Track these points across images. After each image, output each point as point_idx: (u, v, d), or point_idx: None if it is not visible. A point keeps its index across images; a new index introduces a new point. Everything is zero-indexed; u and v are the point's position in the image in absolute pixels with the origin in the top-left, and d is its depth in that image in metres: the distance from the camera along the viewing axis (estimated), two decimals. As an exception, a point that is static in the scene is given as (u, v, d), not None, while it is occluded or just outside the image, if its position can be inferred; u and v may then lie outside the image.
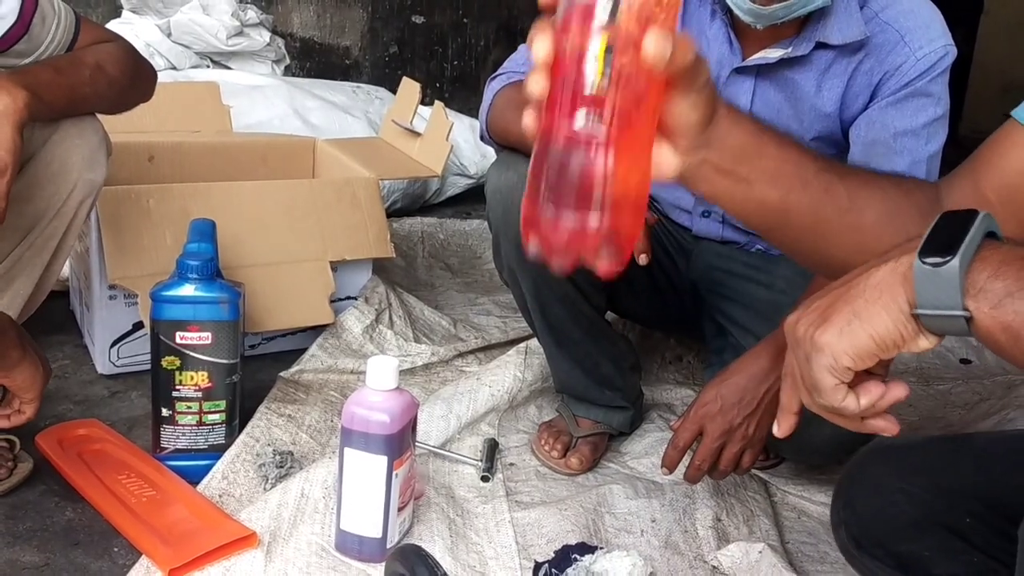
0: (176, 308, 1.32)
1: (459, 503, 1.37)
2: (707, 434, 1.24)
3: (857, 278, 0.66)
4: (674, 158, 0.69)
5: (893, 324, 0.64)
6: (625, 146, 0.58)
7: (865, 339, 0.64)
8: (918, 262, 0.62)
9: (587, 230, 0.59)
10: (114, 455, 1.38)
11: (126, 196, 1.63)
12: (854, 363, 0.65)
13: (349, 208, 1.81)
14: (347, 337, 1.78)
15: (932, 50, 1.26)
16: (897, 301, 0.63)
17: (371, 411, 1.17)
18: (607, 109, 0.57)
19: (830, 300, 0.67)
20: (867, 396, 0.67)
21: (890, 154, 1.28)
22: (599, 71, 0.57)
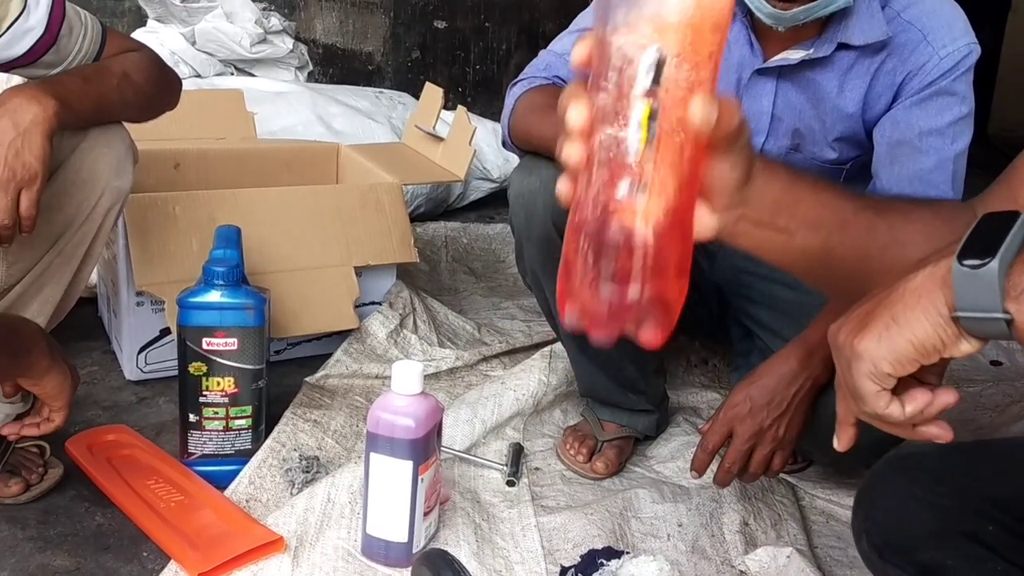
0: (203, 314, 1.33)
1: (485, 508, 1.37)
2: (737, 436, 1.23)
3: (898, 284, 0.65)
4: (711, 218, 0.68)
5: (932, 328, 0.62)
6: (668, 214, 0.56)
7: (904, 344, 0.63)
8: (956, 264, 0.61)
9: (631, 302, 0.56)
10: (143, 460, 1.39)
11: (152, 203, 1.64)
12: (894, 369, 0.64)
13: (373, 213, 1.81)
14: (372, 342, 1.78)
15: (955, 48, 1.25)
16: (936, 304, 0.62)
17: (396, 416, 1.17)
18: (651, 177, 0.55)
19: (870, 307, 0.66)
20: (912, 404, 0.65)
21: (916, 154, 1.27)
22: (643, 139, 0.54)
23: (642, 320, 0.57)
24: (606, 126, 0.55)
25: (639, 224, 0.55)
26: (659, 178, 0.55)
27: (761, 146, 1.38)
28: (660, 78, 0.53)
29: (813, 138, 1.35)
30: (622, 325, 0.57)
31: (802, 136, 1.35)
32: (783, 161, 0.75)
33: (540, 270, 1.36)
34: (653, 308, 0.57)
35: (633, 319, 0.57)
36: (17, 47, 1.21)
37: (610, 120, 0.54)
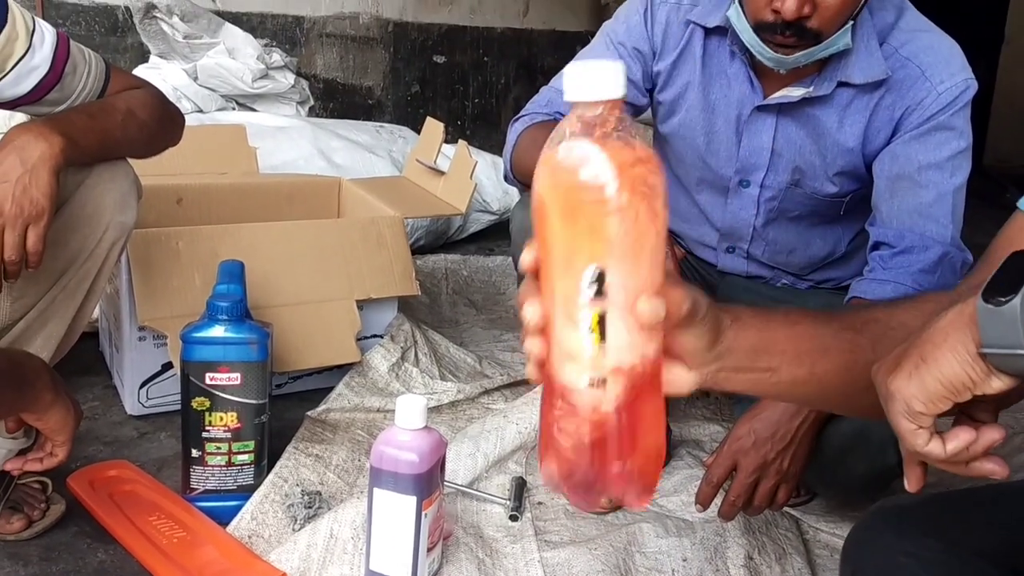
0: (206, 349, 1.33)
1: (488, 543, 1.36)
2: (741, 469, 1.23)
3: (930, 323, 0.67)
4: (688, 375, 0.71)
5: (960, 366, 0.63)
6: (632, 405, 0.60)
7: (933, 383, 0.64)
8: (981, 302, 0.62)
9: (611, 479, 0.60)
10: (144, 496, 1.39)
11: (156, 238, 1.65)
12: (926, 407, 0.65)
13: (375, 247, 1.82)
14: (373, 375, 1.78)
15: (953, 84, 1.27)
16: (963, 342, 0.63)
17: (400, 450, 1.17)
18: (610, 371, 0.59)
19: (905, 347, 0.67)
20: (954, 442, 0.66)
21: (916, 188, 1.28)
22: (596, 341, 0.58)
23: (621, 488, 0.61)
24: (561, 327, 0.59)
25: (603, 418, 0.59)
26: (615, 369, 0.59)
27: (762, 181, 1.39)
28: (601, 289, 0.57)
29: (813, 173, 1.36)
30: (598, 493, 0.62)
31: (802, 172, 1.37)
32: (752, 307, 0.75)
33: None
34: (627, 479, 0.61)
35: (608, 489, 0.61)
36: (22, 85, 1.23)
37: (565, 323, 0.59)
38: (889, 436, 1.20)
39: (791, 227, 1.44)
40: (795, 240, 1.46)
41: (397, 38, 3.85)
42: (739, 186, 1.41)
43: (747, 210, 1.43)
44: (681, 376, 0.71)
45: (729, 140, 1.38)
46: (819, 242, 1.48)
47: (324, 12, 3.64)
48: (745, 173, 1.40)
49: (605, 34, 1.42)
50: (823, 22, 1.20)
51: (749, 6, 1.23)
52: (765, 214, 1.43)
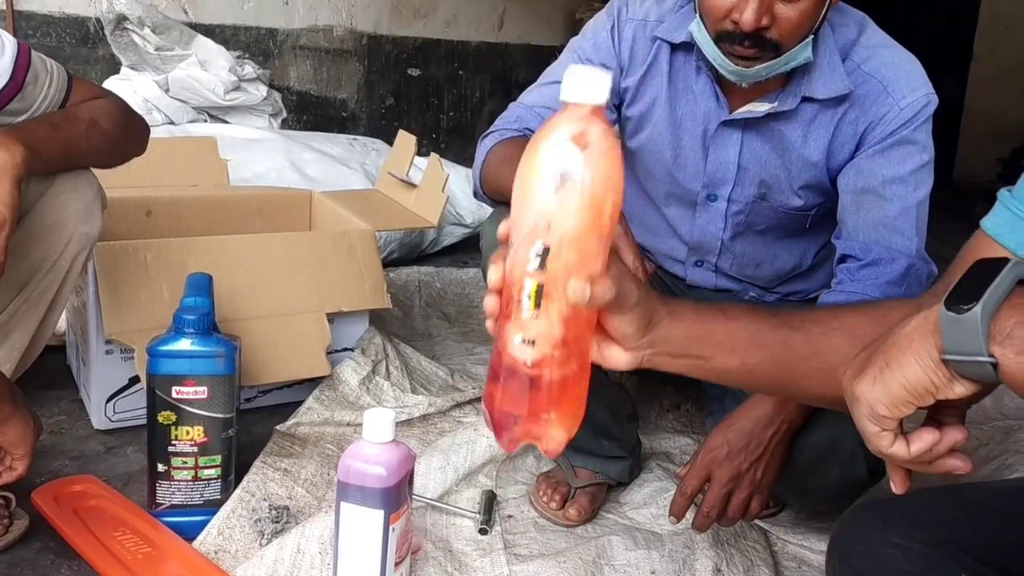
0: (172, 363, 1.32)
1: (457, 556, 1.35)
2: (715, 480, 1.23)
3: (896, 328, 0.68)
4: (624, 354, 0.80)
5: (923, 371, 0.65)
6: (555, 367, 0.71)
7: (896, 387, 0.66)
8: (943, 310, 0.64)
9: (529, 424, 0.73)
10: (110, 511, 1.37)
11: (123, 251, 1.64)
12: (889, 411, 0.66)
13: (346, 260, 1.81)
14: (344, 389, 1.77)
15: (915, 99, 1.28)
16: (927, 348, 0.65)
17: (367, 464, 1.16)
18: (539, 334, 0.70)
19: (870, 351, 0.69)
20: (918, 443, 0.68)
21: (880, 201, 1.29)
22: (532, 307, 0.69)
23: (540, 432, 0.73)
24: (511, 290, 0.70)
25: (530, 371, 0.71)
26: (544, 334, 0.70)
27: (729, 195, 1.41)
28: (544, 263, 0.68)
29: (779, 187, 1.38)
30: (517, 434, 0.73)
31: (768, 186, 1.38)
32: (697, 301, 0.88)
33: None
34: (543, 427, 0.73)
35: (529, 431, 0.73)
36: None
37: (513, 287, 0.70)
38: (859, 446, 1.22)
39: (758, 240, 1.46)
40: (762, 253, 1.47)
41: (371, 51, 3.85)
42: (707, 200, 1.42)
43: (715, 224, 1.44)
44: (617, 355, 0.80)
45: (696, 155, 1.39)
46: (785, 255, 1.49)
47: (298, 24, 3.64)
48: (712, 187, 1.41)
49: (572, 50, 1.43)
50: (782, 33, 1.21)
51: (709, 18, 1.25)
52: (732, 228, 1.44)
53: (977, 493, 1.00)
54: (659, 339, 0.81)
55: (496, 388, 0.73)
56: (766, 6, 1.19)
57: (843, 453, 1.24)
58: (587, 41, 1.42)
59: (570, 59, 1.42)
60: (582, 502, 1.47)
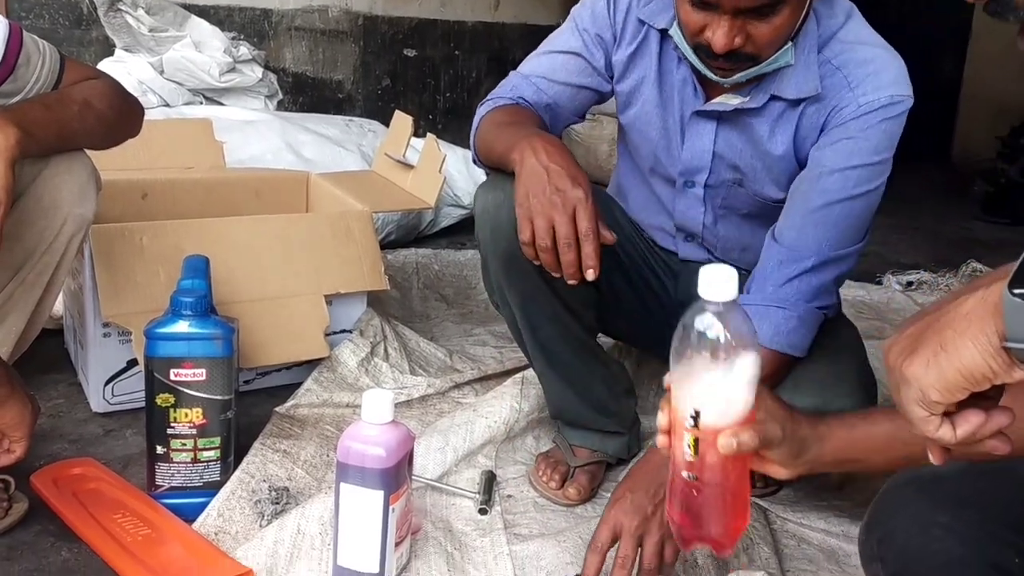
0: (170, 345, 1.32)
1: (457, 536, 1.36)
2: (624, 530, 1.17)
3: (948, 306, 0.64)
4: (784, 471, 0.93)
5: (981, 357, 0.61)
6: (716, 494, 0.87)
7: (952, 372, 0.62)
8: (1007, 293, 0.59)
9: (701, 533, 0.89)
10: (109, 494, 1.37)
11: (119, 234, 1.63)
12: (942, 396, 0.63)
13: (343, 241, 1.81)
14: (342, 371, 1.77)
15: (876, 97, 1.24)
16: (986, 333, 0.61)
17: (367, 445, 1.16)
18: (702, 471, 0.86)
19: (921, 327, 0.65)
20: (964, 426, 0.65)
21: (811, 192, 1.27)
22: (692, 454, 0.86)
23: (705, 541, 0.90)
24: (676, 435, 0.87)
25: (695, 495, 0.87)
26: (705, 472, 0.86)
27: (705, 182, 1.40)
28: (698, 422, 0.84)
29: (755, 176, 1.37)
30: (695, 539, 0.90)
31: (743, 174, 1.37)
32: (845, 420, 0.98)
33: (506, 285, 1.35)
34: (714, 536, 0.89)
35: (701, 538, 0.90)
36: None
37: (677, 433, 0.87)
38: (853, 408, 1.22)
39: (743, 225, 1.44)
40: (748, 238, 1.46)
41: (367, 32, 3.83)
42: (684, 186, 1.42)
43: (694, 208, 1.44)
44: (777, 471, 0.93)
45: (676, 139, 1.39)
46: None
47: (293, 5, 3.61)
48: (689, 174, 1.40)
49: (572, 19, 1.43)
50: (759, 48, 1.20)
51: (686, 30, 1.23)
52: (713, 211, 1.43)
53: None
54: (812, 459, 0.93)
55: (673, 504, 0.90)
56: (737, 28, 1.16)
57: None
58: (586, 10, 1.41)
59: (569, 27, 1.41)
60: (581, 481, 1.47)
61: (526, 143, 1.20)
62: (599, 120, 3.73)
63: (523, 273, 1.29)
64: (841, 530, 1.42)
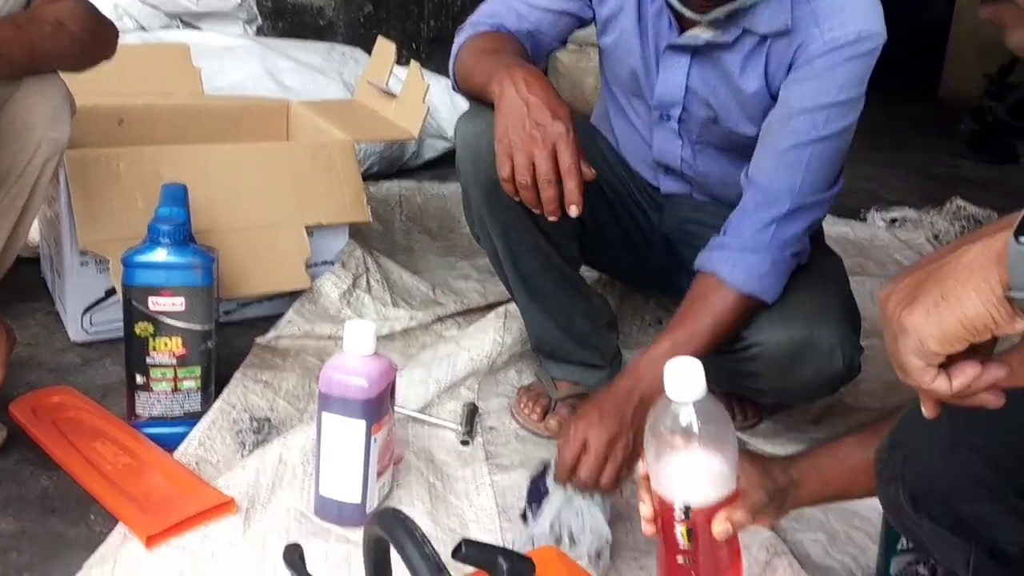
0: (148, 273, 1.30)
1: (439, 467, 1.36)
2: (591, 449, 1.13)
3: (950, 255, 0.63)
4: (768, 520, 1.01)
5: (984, 307, 0.60)
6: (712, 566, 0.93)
7: (953, 323, 0.61)
8: (1012, 242, 0.58)
9: None
10: (89, 423, 1.37)
11: (95, 159, 1.60)
12: (941, 347, 0.62)
13: (324, 171, 1.78)
14: (324, 302, 1.76)
15: (842, 33, 1.20)
16: (989, 282, 0.59)
17: (349, 375, 1.16)
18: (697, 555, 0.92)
19: (921, 277, 0.64)
20: (960, 378, 0.64)
21: (781, 132, 1.24)
22: (686, 542, 0.92)
23: None
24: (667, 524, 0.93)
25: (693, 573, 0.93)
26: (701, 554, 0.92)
27: (679, 116, 1.37)
28: (688, 515, 0.91)
29: (728, 114, 1.34)
30: None
31: (716, 111, 1.34)
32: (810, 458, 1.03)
33: (488, 216, 1.34)
34: None
35: None
36: None
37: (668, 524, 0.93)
38: (837, 342, 1.24)
39: (722, 159, 1.42)
40: (729, 173, 1.43)
41: (349, -44, 3.72)
42: (660, 119, 1.40)
43: (671, 142, 1.42)
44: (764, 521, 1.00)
45: (651, 71, 1.36)
46: None
47: (272, -73, 3.50)
48: (663, 108, 1.38)
49: None
50: None
51: None
52: (690, 145, 1.41)
53: None
54: (791, 506, 1.01)
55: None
56: None
57: (821, 350, 1.23)
58: None
59: None
60: (562, 414, 1.48)
61: (505, 74, 1.17)
62: (585, 52, 3.67)
63: (505, 205, 1.27)
64: (819, 463, 1.44)
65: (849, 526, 1.30)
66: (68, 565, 1.11)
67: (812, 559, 1.20)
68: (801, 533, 1.26)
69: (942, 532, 0.79)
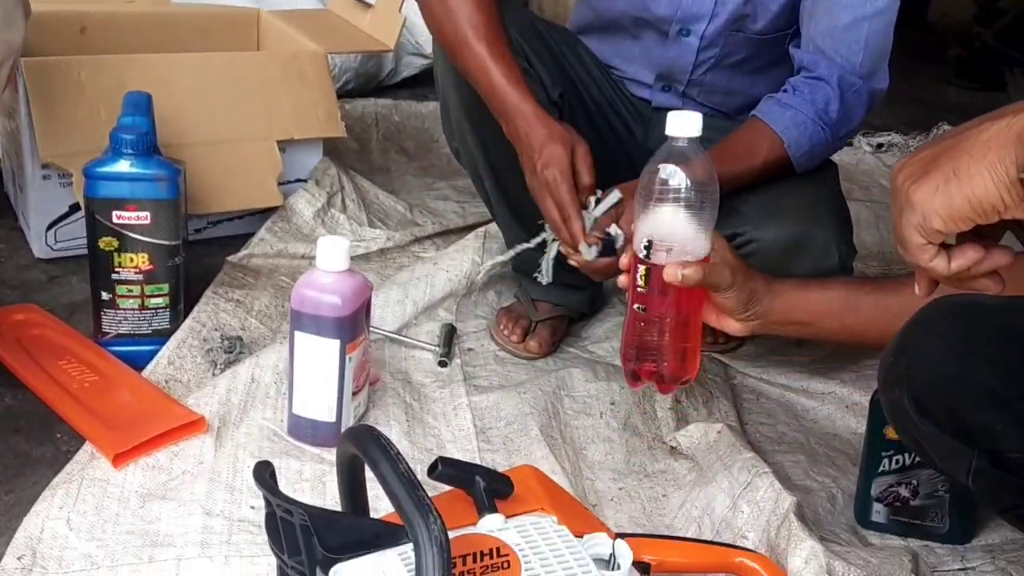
0: (111, 185, 1.25)
1: (416, 388, 1.34)
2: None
3: (969, 131, 0.61)
4: (737, 324, 1.01)
5: (995, 187, 0.58)
6: (666, 324, 0.98)
7: (961, 201, 0.59)
8: None
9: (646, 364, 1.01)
10: (54, 340, 1.32)
11: (56, 68, 1.52)
12: (944, 225, 0.60)
13: (296, 84, 1.71)
14: (297, 221, 1.71)
15: None
16: (1004, 163, 0.58)
17: (322, 293, 1.12)
18: (650, 304, 0.97)
19: (935, 152, 0.62)
20: (960, 259, 0.63)
21: (833, 8, 1.23)
22: (643, 285, 0.97)
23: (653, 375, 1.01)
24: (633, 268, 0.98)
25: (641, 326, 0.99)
26: (653, 305, 0.97)
27: (703, 32, 1.33)
28: (649, 254, 0.95)
29: (756, 14, 1.31)
30: (641, 374, 1.02)
31: (745, 16, 1.31)
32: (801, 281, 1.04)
33: (469, 127, 1.29)
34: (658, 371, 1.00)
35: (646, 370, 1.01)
36: None
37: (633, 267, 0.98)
38: (832, 239, 1.23)
39: (733, 72, 1.39)
40: (736, 83, 1.41)
41: None
42: (678, 35, 1.34)
43: (685, 58, 1.37)
44: (731, 324, 1.01)
45: None
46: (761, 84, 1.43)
47: None
48: (686, 22, 1.33)
49: None
50: None
51: None
52: (705, 62, 1.37)
53: None
54: (763, 312, 0.99)
55: (625, 338, 1.00)
56: None
57: (818, 244, 1.23)
58: None
59: None
60: (542, 334, 1.45)
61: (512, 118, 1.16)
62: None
63: (485, 117, 1.22)
64: (800, 385, 1.43)
65: (830, 449, 1.29)
66: (34, 484, 1.08)
67: (792, 480, 1.19)
68: (782, 455, 1.26)
69: (944, 437, 0.78)
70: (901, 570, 0.98)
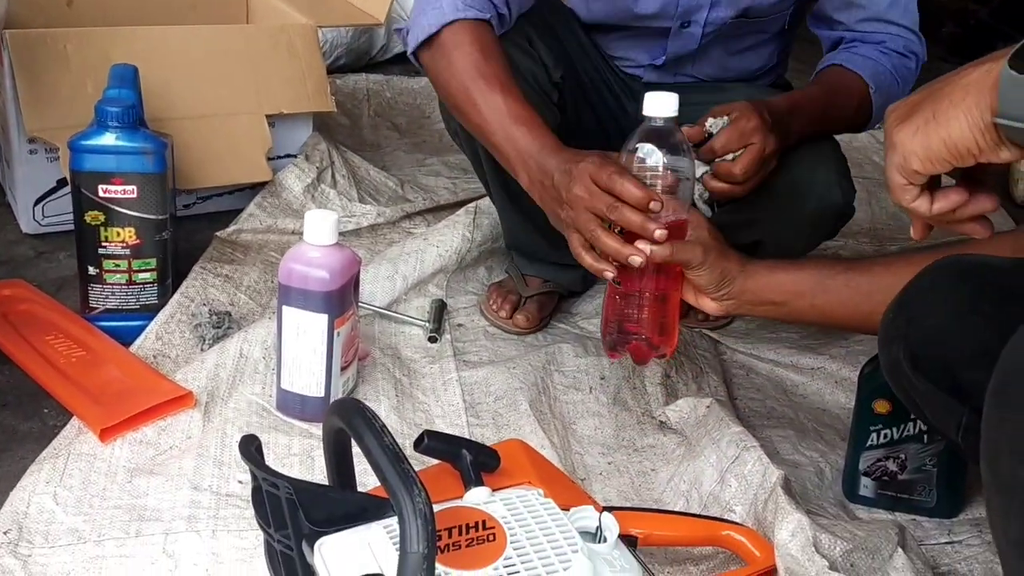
0: (97, 159, 1.24)
1: (405, 363, 1.34)
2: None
3: (953, 76, 0.63)
4: (713, 304, 1.03)
5: (969, 131, 0.60)
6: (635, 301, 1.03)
7: (937, 142, 0.61)
8: (1006, 67, 0.57)
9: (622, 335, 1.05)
10: (41, 316, 1.32)
11: (41, 41, 1.51)
12: (922, 166, 0.62)
13: (286, 58, 1.70)
14: (287, 196, 1.70)
15: None
16: (979, 107, 0.59)
17: (310, 267, 1.12)
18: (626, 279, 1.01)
19: (922, 96, 0.64)
20: (942, 202, 0.65)
21: None
22: None
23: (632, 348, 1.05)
24: None
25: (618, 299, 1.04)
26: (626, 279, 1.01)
27: (704, 19, 1.32)
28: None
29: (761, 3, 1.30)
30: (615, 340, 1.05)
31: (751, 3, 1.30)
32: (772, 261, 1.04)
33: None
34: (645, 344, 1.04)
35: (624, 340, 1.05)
36: None
37: None
38: (835, 179, 1.24)
39: (731, 45, 1.39)
40: (733, 59, 1.40)
41: None
42: (680, 28, 1.34)
43: (687, 46, 1.37)
44: (707, 303, 1.03)
45: None
46: (754, 57, 1.42)
47: None
48: (686, 15, 1.32)
49: None
50: None
51: None
52: (705, 45, 1.37)
53: None
54: (736, 292, 1.00)
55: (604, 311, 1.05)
56: None
57: (820, 183, 1.24)
58: None
59: None
60: (531, 309, 1.45)
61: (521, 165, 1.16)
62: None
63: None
64: (790, 360, 1.43)
65: (819, 424, 1.29)
66: (21, 459, 1.08)
67: (781, 455, 1.19)
68: (771, 430, 1.26)
69: (938, 393, 0.79)
70: (888, 543, 0.98)
